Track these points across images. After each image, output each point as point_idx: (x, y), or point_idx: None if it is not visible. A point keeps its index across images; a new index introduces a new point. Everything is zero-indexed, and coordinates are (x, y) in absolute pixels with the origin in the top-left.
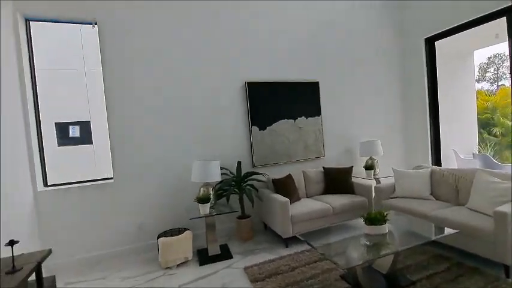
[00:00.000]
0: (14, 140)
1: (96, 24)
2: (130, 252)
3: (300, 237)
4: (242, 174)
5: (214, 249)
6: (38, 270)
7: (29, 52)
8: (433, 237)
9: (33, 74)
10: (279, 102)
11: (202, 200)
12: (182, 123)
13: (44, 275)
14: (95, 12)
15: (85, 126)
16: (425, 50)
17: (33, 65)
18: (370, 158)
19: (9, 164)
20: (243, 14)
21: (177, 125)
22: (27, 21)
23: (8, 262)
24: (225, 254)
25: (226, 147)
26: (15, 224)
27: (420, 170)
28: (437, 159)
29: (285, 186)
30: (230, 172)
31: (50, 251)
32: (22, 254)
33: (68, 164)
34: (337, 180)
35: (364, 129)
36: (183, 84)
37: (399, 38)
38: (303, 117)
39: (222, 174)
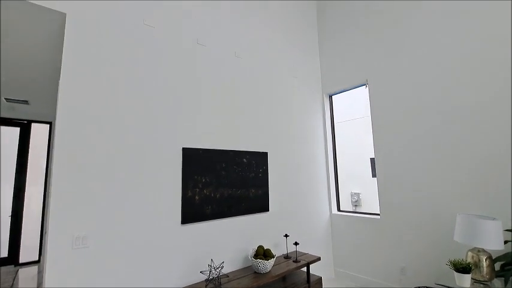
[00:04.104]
0: (320, 174)
1: (367, 85)
2: None
3: None
4: None
5: None
6: (307, 267)
7: (330, 114)
8: None
9: (332, 126)
10: None
11: (458, 267)
12: (451, 162)
13: (322, 274)
14: (367, 77)
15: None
16: None
17: (333, 121)
18: None
19: (318, 193)
20: None
21: (445, 165)
22: (330, 96)
23: (294, 255)
24: None
25: None
26: (319, 231)
27: None
28: None
29: None
30: None
31: (318, 259)
32: (307, 253)
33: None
34: None
35: None
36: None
37: None
38: None
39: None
